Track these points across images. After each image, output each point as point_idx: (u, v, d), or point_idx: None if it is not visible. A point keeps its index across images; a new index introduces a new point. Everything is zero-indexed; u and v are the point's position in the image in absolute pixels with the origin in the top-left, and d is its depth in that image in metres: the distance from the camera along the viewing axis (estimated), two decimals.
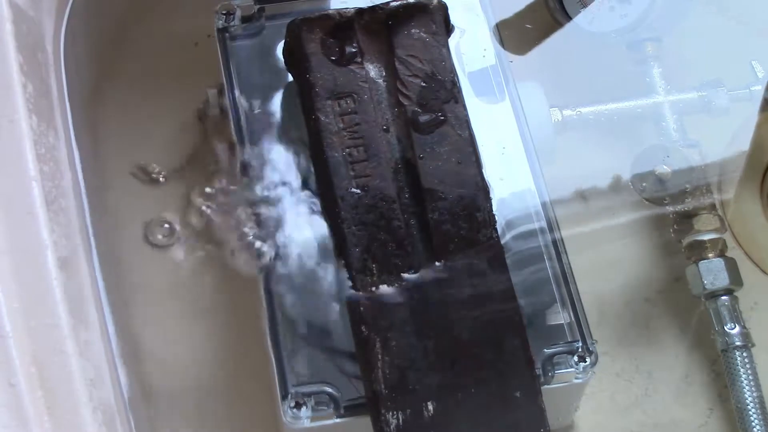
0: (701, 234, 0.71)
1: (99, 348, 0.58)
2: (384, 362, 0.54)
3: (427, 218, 0.58)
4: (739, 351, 0.68)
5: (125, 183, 0.72)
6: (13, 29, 0.56)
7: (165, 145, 0.74)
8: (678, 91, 0.75)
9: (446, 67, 0.61)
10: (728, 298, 0.69)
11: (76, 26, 0.67)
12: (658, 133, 0.74)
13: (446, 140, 0.59)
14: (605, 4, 0.76)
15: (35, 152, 0.55)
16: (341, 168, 0.58)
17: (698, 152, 0.73)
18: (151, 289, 0.70)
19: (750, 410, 0.67)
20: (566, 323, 0.59)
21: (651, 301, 0.74)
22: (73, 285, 0.56)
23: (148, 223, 0.71)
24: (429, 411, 0.54)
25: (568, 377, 0.58)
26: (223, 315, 0.69)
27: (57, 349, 0.52)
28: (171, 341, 0.69)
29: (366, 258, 0.57)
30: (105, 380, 0.57)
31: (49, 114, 0.60)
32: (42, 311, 0.52)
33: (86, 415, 0.53)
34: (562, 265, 0.61)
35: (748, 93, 0.75)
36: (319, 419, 0.56)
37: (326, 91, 0.59)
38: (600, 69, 0.78)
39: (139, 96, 0.75)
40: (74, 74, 0.66)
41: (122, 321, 0.65)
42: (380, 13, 0.61)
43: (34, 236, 0.53)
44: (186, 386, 0.68)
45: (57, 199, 0.57)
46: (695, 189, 0.72)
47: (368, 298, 0.56)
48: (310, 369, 0.57)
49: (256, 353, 0.61)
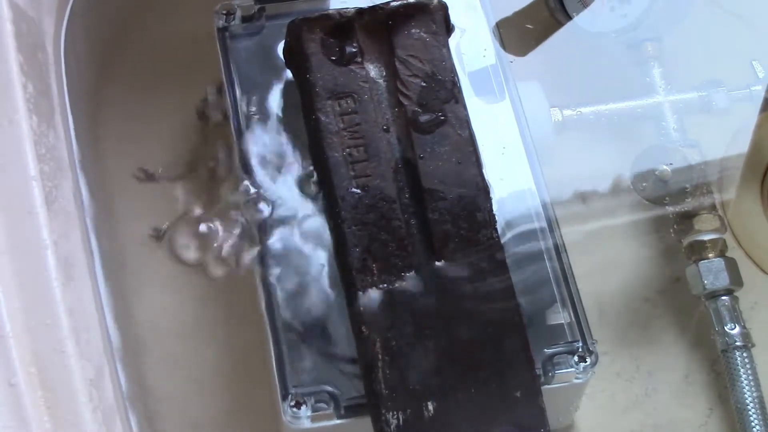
0: (701, 234, 0.71)
1: (99, 348, 0.58)
2: (384, 362, 0.54)
3: (427, 218, 0.58)
4: (739, 351, 0.68)
5: (125, 183, 0.72)
6: (13, 29, 0.56)
7: (165, 144, 0.74)
8: (678, 91, 0.75)
9: (446, 67, 0.61)
10: (728, 298, 0.69)
11: (76, 26, 0.67)
12: (658, 133, 0.74)
13: (446, 140, 0.59)
14: (605, 4, 0.76)
15: (35, 152, 0.54)
16: (341, 168, 0.58)
17: (698, 152, 0.73)
18: (152, 289, 0.70)
19: (750, 410, 0.67)
20: (566, 323, 0.59)
21: (651, 301, 0.74)
22: (73, 285, 0.56)
23: (149, 223, 0.71)
24: (429, 411, 0.54)
25: (568, 377, 0.58)
26: (223, 315, 0.69)
27: (57, 349, 0.52)
28: (171, 341, 0.69)
29: (366, 258, 0.57)
30: (105, 380, 0.57)
31: (49, 114, 0.60)
32: (42, 311, 0.52)
33: (86, 415, 0.53)
34: (562, 265, 0.61)
35: (748, 93, 0.75)
36: (320, 419, 0.56)
37: (326, 91, 0.59)
38: (600, 69, 0.78)
39: (139, 96, 0.75)
40: (74, 74, 0.66)
41: (122, 320, 0.65)
42: (380, 13, 0.61)
43: (34, 236, 0.53)
44: (186, 386, 0.68)
45: (57, 199, 0.57)
46: (695, 189, 0.72)
47: (368, 298, 0.56)
48: (310, 369, 0.57)
49: (256, 353, 0.61)
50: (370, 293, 0.56)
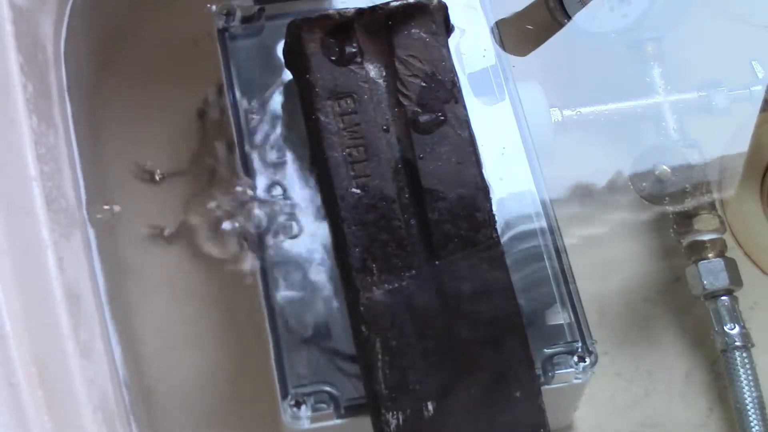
0: (701, 234, 0.71)
1: (99, 348, 0.58)
2: (384, 362, 0.54)
3: (427, 218, 0.58)
4: (739, 351, 0.68)
5: (125, 182, 0.72)
6: (13, 29, 0.56)
7: (165, 144, 0.74)
8: (678, 91, 0.75)
9: (446, 67, 0.61)
10: (728, 298, 0.69)
11: (76, 26, 0.67)
12: (658, 133, 0.74)
13: (446, 140, 0.59)
14: (605, 4, 0.76)
15: (35, 152, 0.55)
16: (341, 168, 0.58)
17: (698, 152, 0.73)
18: (152, 289, 0.70)
19: (749, 410, 0.67)
20: (566, 323, 0.59)
21: (651, 301, 0.74)
22: (73, 285, 0.56)
23: (149, 223, 0.71)
24: (429, 411, 0.54)
25: (568, 377, 0.58)
26: (223, 315, 0.69)
27: (57, 349, 0.52)
28: (171, 341, 0.69)
29: (366, 258, 0.57)
30: (105, 380, 0.58)
31: (49, 114, 0.60)
32: (42, 311, 0.52)
33: (86, 415, 0.53)
34: (562, 265, 0.61)
35: (748, 93, 0.75)
36: (319, 419, 0.56)
37: (326, 91, 0.59)
38: (600, 69, 0.78)
39: (139, 96, 0.75)
40: (74, 74, 0.66)
41: (122, 320, 0.65)
42: (380, 13, 0.61)
43: (34, 236, 0.53)
44: (186, 386, 0.68)
45: (57, 199, 0.57)
46: (695, 189, 0.72)
47: (368, 298, 0.56)
48: (310, 369, 0.57)
49: (256, 353, 0.61)
50: (370, 293, 0.56)
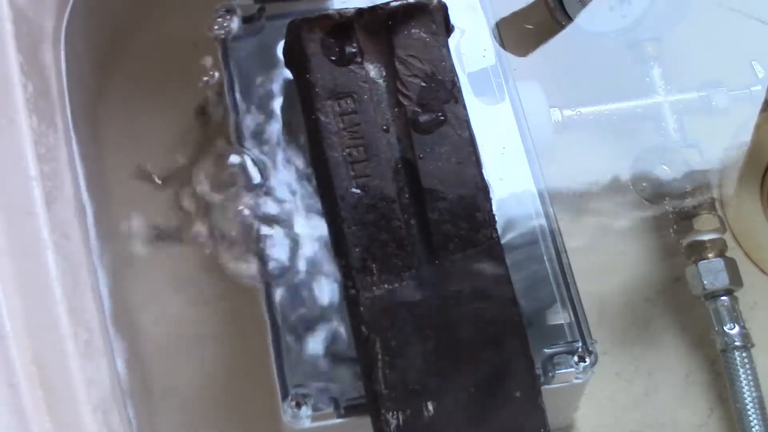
0: (701, 234, 0.71)
1: (99, 348, 0.58)
2: (384, 362, 0.54)
3: (427, 218, 0.58)
4: (739, 351, 0.68)
5: (126, 183, 0.72)
6: (13, 29, 0.56)
7: (165, 144, 0.74)
8: (678, 91, 0.75)
9: (446, 67, 0.61)
10: (728, 298, 0.69)
11: (76, 26, 0.67)
12: (658, 133, 0.74)
13: (446, 140, 0.59)
14: (605, 4, 0.76)
15: (35, 152, 0.55)
16: (341, 168, 0.58)
17: (698, 152, 0.73)
18: (152, 289, 0.70)
19: (749, 410, 0.67)
20: (566, 323, 0.59)
21: (651, 301, 0.74)
22: (73, 285, 0.56)
23: (149, 223, 0.71)
24: (429, 411, 0.54)
25: (568, 377, 0.58)
26: (223, 314, 0.69)
27: (57, 349, 0.52)
28: (171, 341, 0.69)
29: (366, 258, 0.57)
30: (105, 380, 0.58)
31: (49, 114, 0.60)
32: (42, 311, 0.52)
33: (86, 415, 0.53)
34: (562, 265, 0.61)
35: (748, 93, 0.75)
36: (320, 419, 0.56)
37: (326, 91, 0.59)
38: (600, 69, 0.78)
39: (139, 96, 0.75)
40: (74, 74, 0.66)
41: (122, 320, 0.65)
42: (380, 13, 0.61)
43: (34, 236, 0.53)
44: (186, 386, 0.68)
45: (57, 199, 0.57)
46: (695, 189, 0.72)
47: (368, 298, 0.56)
48: (310, 369, 0.57)
49: (256, 353, 0.61)
50: (370, 293, 0.56)
